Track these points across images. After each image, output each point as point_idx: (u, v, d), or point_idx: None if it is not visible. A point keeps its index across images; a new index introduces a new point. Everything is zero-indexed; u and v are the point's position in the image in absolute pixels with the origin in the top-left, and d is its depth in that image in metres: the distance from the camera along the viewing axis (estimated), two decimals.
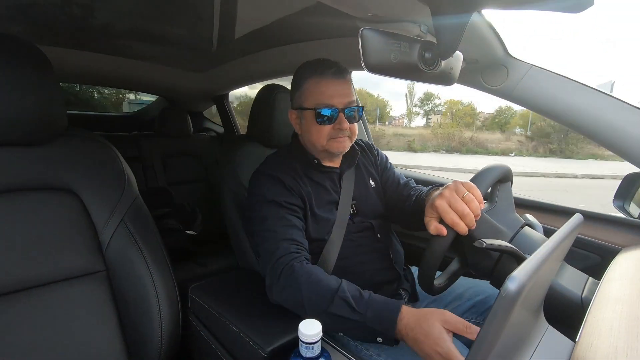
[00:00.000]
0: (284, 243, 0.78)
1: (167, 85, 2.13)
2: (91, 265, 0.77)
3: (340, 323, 0.67)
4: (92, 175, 0.80)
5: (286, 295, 0.73)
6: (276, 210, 0.83)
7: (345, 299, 0.66)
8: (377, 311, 0.65)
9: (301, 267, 0.74)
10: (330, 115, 0.85)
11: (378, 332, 0.64)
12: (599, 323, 0.52)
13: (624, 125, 0.84)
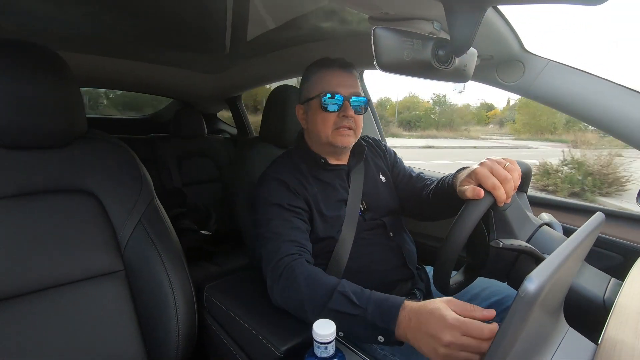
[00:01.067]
0: (286, 244, 0.78)
1: (181, 88, 2.17)
2: (110, 265, 0.79)
3: (341, 320, 0.62)
4: (111, 177, 0.82)
5: (287, 296, 0.72)
6: (279, 212, 0.83)
7: (345, 294, 0.65)
8: (378, 304, 0.62)
9: (301, 267, 0.73)
10: (335, 101, 0.86)
11: (379, 329, 0.60)
12: (623, 325, 0.51)
13: None
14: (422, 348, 0.55)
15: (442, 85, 3.59)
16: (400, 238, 0.96)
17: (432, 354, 0.53)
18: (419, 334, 0.55)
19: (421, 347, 0.55)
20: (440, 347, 0.51)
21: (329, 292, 0.66)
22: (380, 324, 0.59)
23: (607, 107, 0.85)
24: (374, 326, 0.60)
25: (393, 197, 1.01)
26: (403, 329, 0.58)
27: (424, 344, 0.55)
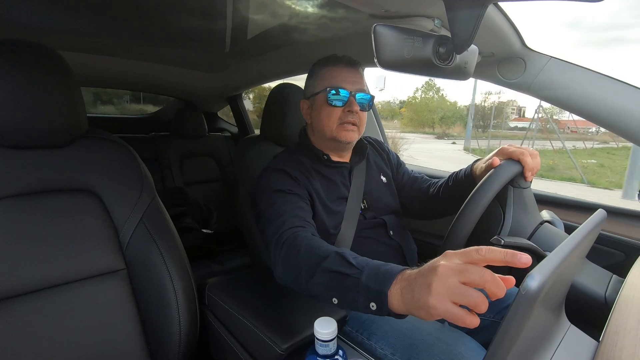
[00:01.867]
0: (291, 219, 0.75)
1: (182, 86, 2.17)
2: (112, 263, 0.79)
3: (334, 281, 0.58)
4: (112, 176, 0.82)
5: (287, 265, 0.67)
6: (282, 196, 0.82)
7: (342, 254, 0.59)
8: (376, 267, 0.55)
9: (305, 235, 0.69)
10: (341, 96, 0.87)
11: (371, 291, 0.52)
12: (624, 322, 0.51)
13: None
14: (415, 296, 0.46)
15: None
16: (401, 237, 0.96)
17: (422, 296, 0.44)
18: (414, 283, 0.47)
19: (414, 296, 0.46)
20: (434, 278, 0.43)
21: (327, 253, 0.61)
22: (374, 285, 0.52)
23: (608, 104, 0.85)
24: (368, 290, 0.52)
25: (394, 198, 1.02)
26: (399, 290, 0.49)
27: (416, 289, 0.45)
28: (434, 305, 0.42)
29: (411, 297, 0.46)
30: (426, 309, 0.43)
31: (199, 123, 2.13)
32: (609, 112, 0.85)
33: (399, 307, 0.49)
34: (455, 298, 0.41)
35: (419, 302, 0.44)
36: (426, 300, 0.43)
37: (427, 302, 0.42)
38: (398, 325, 0.75)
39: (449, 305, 0.41)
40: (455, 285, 0.41)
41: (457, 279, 0.41)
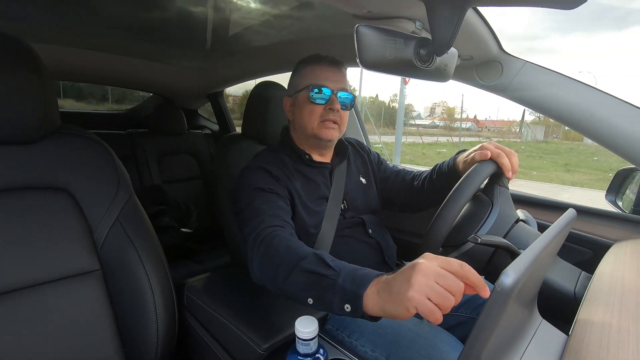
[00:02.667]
0: (269, 218, 0.75)
1: (161, 82, 2.11)
2: (86, 264, 0.77)
3: (311, 281, 0.58)
4: (86, 173, 0.79)
5: (264, 265, 0.67)
6: (261, 194, 0.81)
7: (320, 256, 0.60)
8: (353, 270, 0.56)
9: (284, 236, 0.69)
10: (323, 94, 0.88)
11: (347, 293, 0.53)
12: (592, 317, 0.53)
13: (616, 121, 0.85)
14: (393, 291, 0.47)
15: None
16: (380, 235, 0.97)
17: (403, 289, 0.46)
18: (393, 281, 0.49)
19: (392, 291, 0.48)
20: (416, 275, 0.45)
21: (306, 253, 0.62)
22: (350, 287, 0.53)
23: (578, 108, 0.89)
24: (344, 291, 0.54)
25: (373, 199, 1.03)
26: (376, 291, 0.51)
27: (396, 284, 0.47)
28: (412, 297, 0.44)
29: (389, 295, 0.48)
30: (404, 301, 0.45)
31: (178, 120, 2.08)
32: (581, 117, 0.89)
33: (372, 309, 0.51)
34: (431, 295, 0.44)
35: (398, 295, 0.46)
36: (405, 292, 0.45)
37: (406, 294, 0.45)
38: (378, 322, 0.76)
39: (425, 299, 0.44)
40: (434, 284, 0.44)
41: (435, 279, 0.45)
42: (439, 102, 59.86)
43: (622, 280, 0.64)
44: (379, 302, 0.50)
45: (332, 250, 0.88)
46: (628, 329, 0.46)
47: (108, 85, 2.38)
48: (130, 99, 3.34)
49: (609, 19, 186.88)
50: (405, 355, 0.69)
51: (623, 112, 0.85)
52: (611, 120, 0.85)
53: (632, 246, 0.82)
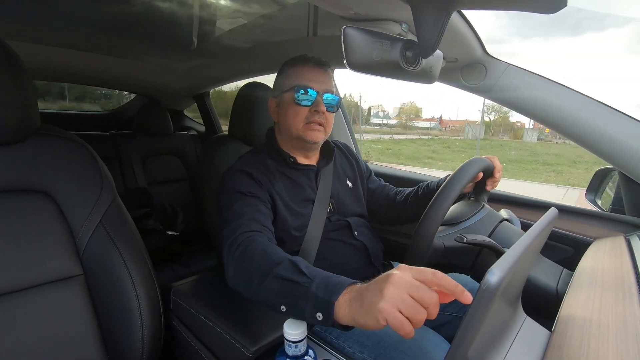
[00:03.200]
0: (248, 222, 0.74)
1: (146, 83, 2.08)
2: (68, 269, 0.74)
3: (284, 289, 0.57)
4: (67, 176, 0.77)
5: (239, 270, 0.66)
6: (241, 197, 0.80)
7: (295, 262, 0.59)
8: (327, 277, 0.55)
9: (261, 241, 0.68)
10: (309, 96, 0.87)
11: (319, 301, 0.52)
12: (573, 313, 0.55)
13: (594, 122, 0.88)
14: (365, 301, 0.46)
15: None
16: (365, 237, 0.97)
17: (374, 300, 0.45)
18: (366, 291, 0.48)
19: (364, 301, 0.47)
20: (388, 286, 0.44)
21: (281, 259, 0.61)
22: (322, 295, 0.52)
23: (559, 110, 0.91)
24: (316, 299, 0.52)
25: (359, 203, 1.04)
26: (348, 300, 0.50)
27: (369, 295, 0.46)
28: (383, 308, 0.43)
29: (360, 305, 0.47)
30: (375, 313, 0.44)
31: (163, 121, 2.05)
32: (562, 118, 0.91)
33: (343, 318, 0.50)
34: (402, 307, 0.43)
35: (369, 306, 0.45)
36: (377, 303, 0.44)
37: (377, 305, 0.44)
38: None
39: (396, 311, 0.43)
40: (407, 297, 0.43)
41: (408, 291, 0.43)
42: (407, 103, 64.81)
43: (601, 276, 0.66)
44: (350, 312, 0.49)
45: (318, 253, 0.87)
46: (607, 324, 0.48)
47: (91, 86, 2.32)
48: (91, 97, 3.25)
49: (565, 25, 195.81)
50: (392, 355, 0.69)
51: (601, 114, 0.87)
52: (590, 122, 0.88)
53: (610, 243, 0.85)
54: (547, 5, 0.46)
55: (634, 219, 0.94)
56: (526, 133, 32.71)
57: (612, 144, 0.86)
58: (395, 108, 66.83)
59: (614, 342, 0.43)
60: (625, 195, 1.00)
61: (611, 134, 0.86)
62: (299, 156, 0.95)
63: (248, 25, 1.23)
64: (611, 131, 0.86)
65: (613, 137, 0.86)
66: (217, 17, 1.20)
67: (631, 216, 0.96)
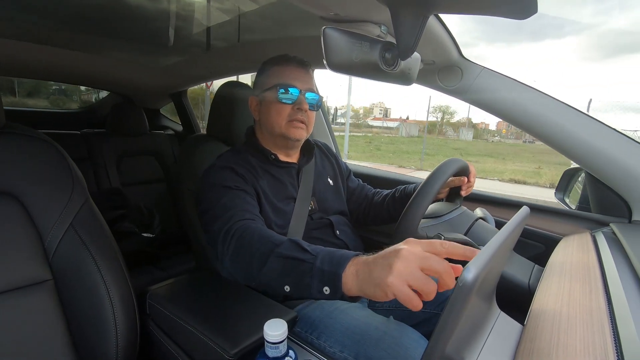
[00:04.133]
0: (239, 212, 0.74)
1: (119, 80, 2.01)
2: (36, 274, 0.71)
3: (288, 268, 0.58)
4: (35, 177, 0.73)
5: (237, 258, 0.66)
6: (228, 192, 0.80)
7: (297, 241, 0.60)
8: (331, 252, 0.56)
9: (257, 226, 0.68)
10: (291, 94, 0.88)
11: (326, 275, 0.53)
12: (544, 307, 0.57)
13: (563, 124, 0.92)
14: (374, 275, 0.47)
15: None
16: (347, 236, 0.99)
17: (383, 274, 0.45)
18: (373, 264, 0.48)
19: (373, 275, 0.47)
20: (397, 260, 0.45)
21: (281, 240, 0.61)
22: (328, 268, 0.53)
23: (530, 112, 0.95)
24: (322, 273, 0.53)
25: (340, 201, 1.06)
26: (355, 272, 0.51)
27: (377, 269, 0.47)
28: (392, 283, 0.44)
29: (369, 277, 0.48)
30: (383, 286, 0.45)
31: (138, 120, 1.98)
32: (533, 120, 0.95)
33: (351, 289, 0.51)
34: (412, 281, 0.43)
35: (378, 280, 0.46)
36: (385, 278, 0.44)
37: (386, 279, 0.44)
38: (346, 322, 0.76)
39: (405, 286, 0.43)
40: (416, 270, 0.44)
41: (418, 264, 0.44)
42: (376, 103, 67.37)
43: (570, 272, 0.69)
44: (357, 283, 0.50)
45: None
46: (575, 317, 0.50)
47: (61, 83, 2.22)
48: (45, 93, 3.11)
49: (525, 32, 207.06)
50: (372, 353, 0.70)
51: (568, 116, 0.92)
52: (557, 124, 0.92)
53: (578, 240, 0.89)
54: (518, 11, 0.48)
55: (599, 217, 0.98)
56: (461, 132, 36.34)
57: (579, 145, 0.91)
58: (365, 108, 69.91)
59: (581, 334, 0.45)
60: (591, 194, 1.06)
61: (578, 135, 0.90)
62: (280, 154, 0.95)
63: (225, 24, 1.21)
64: (577, 133, 0.90)
65: (579, 138, 0.90)
66: (194, 14, 1.18)
67: (596, 214, 1.01)
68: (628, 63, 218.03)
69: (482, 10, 0.53)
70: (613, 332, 0.44)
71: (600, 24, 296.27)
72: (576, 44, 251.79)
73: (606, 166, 0.89)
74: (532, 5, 0.45)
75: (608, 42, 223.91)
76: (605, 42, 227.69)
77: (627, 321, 0.45)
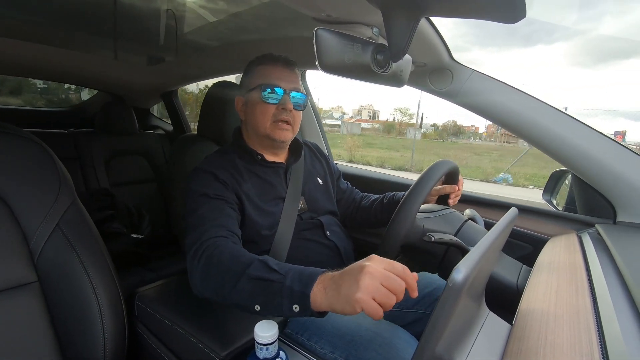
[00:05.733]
0: (213, 228, 0.73)
1: (109, 79, 1.98)
2: (21, 276, 0.69)
3: (258, 288, 0.59)
4: (20, 176, 0.72)
5: (207, 275, 0.65)
6: (206, 201, 0.79)
7: (265, 261, 0.61)
8: (299, 272, 0.57)
9: (227, 245, 0.68)
10: (276, 94, 0.87)
11: (295, 294, 0.55)
12: (532, 306, 0.58)
13: (551, 127, 0.93)
14: (342, 291, 0.50)
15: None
16: (337, 237, 0.98)
17: (351, 290, 0.49)
18: (340, 281, 0.52)
19: (341, 292, 0.51)
20: (363, 277, 0.49)
21: (250, 260, 0.62)
22: (297, 287, 0.55)
23: (518, 114, 0.96)
24: (291, 292, 0.55)
25: (330, 200, 1.05)
26: (323, 289, 0.53)
27: (345, 285, 0.50)
28: (360, 298, 0.48)
29: (337, 293, 0.51)
30: (352, 302, 0.49)
31: (128, 119, 1.96)
32: (521, 123, 0.97)
33: (321, 305, 0.53)
34: (377, 296, 0.48)
35: (346, 297, 0.50)
36: (354, 294, 0.48)
37: (354, 295, 0.48)
38: (337, 323, 0.76)
39: (372, 301, 0.48)
40: (380, 286, 0.49)
41: (381, 282, 0.49)
42: (365, 105, 68.75)
43: (557, 272, 0.70)
44: (326, 300, 0.53)
45: (289, 253, 0.87)
46: (562, 316, 0.51)
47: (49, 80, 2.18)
48: (28, 91, 3.05)
49: (517, 37, 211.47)
50: (363, 354, 0.70)
51: (556, 119, 0.93)
52: (545, 126, 0.94)
53: (565, 240, 0.91)
54: (508, 15, 0.49)
55: (585, 218, 1.00)
56: (408, 132, 40.15)
57: (566, 148, 0.93)
58: (354, 110, 71.39)
59: (568, 333, 0.46)
60: (577, 196, 1.08)
61: (564, 137, 0.92)
62: (267, 154, 0.95)
63: (217, 24, 1.20)
64: (564, 135, 0.92)
65: (567, 141, 0.92)
66: (185, 13, 1.17)
67: (582, 215, 1.03)
68: (619, 68, 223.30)
69: (472, 14, 0.53)
70: (598, 331, 0.45)
71: (590, 30, 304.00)
72: (566, 49, 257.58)
73: (592, 168, 0.91)
74: (521, 9, 0.46)
75: (598, 48, 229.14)
76: (595, 48, 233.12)
77: (611, 320, 0.46)
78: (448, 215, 0.89)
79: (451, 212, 0.91)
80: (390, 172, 2.26)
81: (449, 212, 0.90)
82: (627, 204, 0.89)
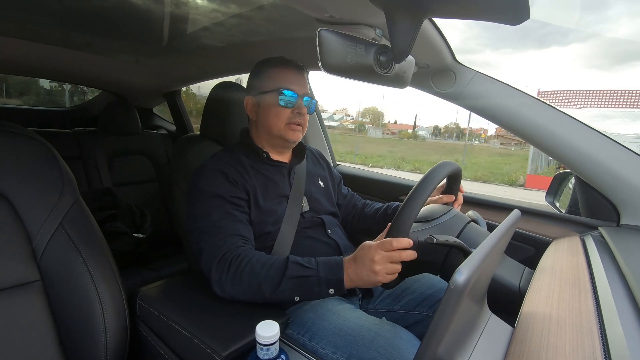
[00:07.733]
0: (231, 238, 0.79)
1: (113, 79, 1.99)
2: (23, 275, 0.70)
3: (299, 284, 0.73)
4: (24, 175, 0.72)
5: (240, 283, 0.74)
6: (221, 204, 0.83)
7: (296, 262, 0.75)
8: (326, 263, 0.75)
9: (250, 253, 0.77)
10: (291, 98, 0.91)
11: (331, 281, 0.73)
12: (534, 309, 0.57)
13: (554, 129, 0.93)
14: (364, 277, 0.70)
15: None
16: (338, 235, 0.99)
17: (371, 276, 0.69)
18: (359, 269, 0.71)
19: (363, 277, 0.70)
20: (375, 265, 0.68)
21: (284, 265, 0.74)
22: (332, 276, 0.72)
23: (521, 116, 0.96)
24: (327, 281, 0.73)
25: (331, 202, 1.07)
26: (348, 274, 0.72)
27: (364, 273, 0.70)
28: (379, 281, 0.69)
29: (361, 280, 0.71)
30: (374, 282, 0.70)
31: (131, 119, 1.97)
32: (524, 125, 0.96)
33: (348, 285, 0.73)
34: (388, 271, 0.69)
35: (369, 280, 0.70)
36: (375, 278, 0.69)
37: (375, 279, 0.69)
38: (339, 324, 0.76)
39: (386, 276, 0.69)
40: (387, 265, 0.69)
41: (386, 262, 0.69)
42: (369, 107, 70.96)
43: (560, 274, 0.70)
44: (354, 282, 0.72)
45: (292, 251, 0.88)
46: (565, 319, 0.51)
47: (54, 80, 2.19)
48: (36, 93, 3.08)
49: (531, 38, 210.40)
50: (365, 355, 0.70)
51: (559, 121, 0.93)
52: (549, 128, 0.93)
53: (568, 243, 0.90)
54: (511, 17, 0.48)
55: (588, 220, 1.00)
56: (369, 130, 44.20)
57: (569, 150, 0.92)
58: (358, 112, 72.78)
59: (570, 336, 0.46)
60: (580, 198, 1.07)
61: (568, 140, 0.92)
62: (273, 153, 0.97)
63: (221, 24, 1.21)
64: (568, 137, 0.92)
65: (570, 143, 0.92)
66: (189, 14, 1.17)
67: (586, 217, 1.02)
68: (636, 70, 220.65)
69: (475, 16, 0.53)
70: (601, 334, 0.45)
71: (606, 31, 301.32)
72: (582, 51, 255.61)
73: (595, 171, 0.91)
74: (524, 11, 0.46)
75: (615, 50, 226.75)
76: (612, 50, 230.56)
77: (614, 323, 0.45)
78: (446, 222, 0.87)
79: (452, 215, 0.90)
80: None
81: (448, 217, 0.89)
82: (631, 206, 0.89)
